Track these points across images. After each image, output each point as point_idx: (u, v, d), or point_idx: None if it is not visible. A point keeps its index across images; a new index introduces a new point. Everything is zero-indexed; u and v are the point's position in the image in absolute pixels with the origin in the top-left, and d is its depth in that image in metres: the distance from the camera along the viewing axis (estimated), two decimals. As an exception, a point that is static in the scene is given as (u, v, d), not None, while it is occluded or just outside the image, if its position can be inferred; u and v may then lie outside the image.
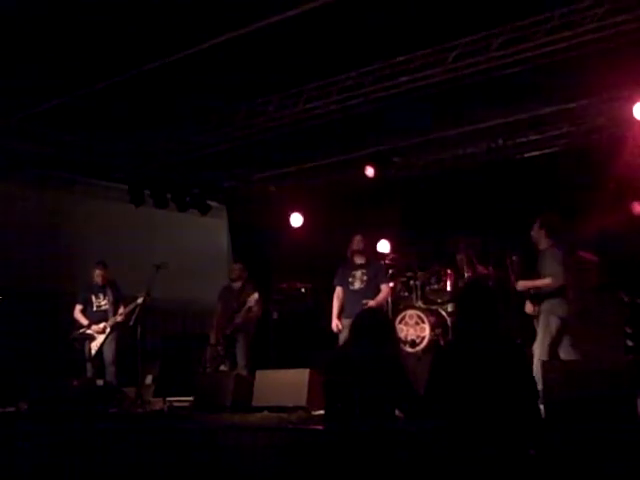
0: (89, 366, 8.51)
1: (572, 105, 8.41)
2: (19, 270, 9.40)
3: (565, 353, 6.34)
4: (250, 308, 8.43)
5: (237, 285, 8.81)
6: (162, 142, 9.51)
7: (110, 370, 8.51)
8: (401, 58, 7.39)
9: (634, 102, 7.87)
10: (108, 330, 8.51)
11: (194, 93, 7.95)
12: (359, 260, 7.79)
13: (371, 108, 8.16)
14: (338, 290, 7.78)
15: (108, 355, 8.54)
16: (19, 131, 8.74)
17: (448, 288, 9.00)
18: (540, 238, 6.81)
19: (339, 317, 7.63)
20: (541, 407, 4.23)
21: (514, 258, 7.39)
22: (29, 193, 9.88)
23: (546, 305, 6.48)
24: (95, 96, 7.75)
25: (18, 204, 9.70)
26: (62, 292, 9.64)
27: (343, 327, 7.50)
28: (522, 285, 6.84)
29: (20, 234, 9.57)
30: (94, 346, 8.49)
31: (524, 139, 9.26)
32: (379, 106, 8.12)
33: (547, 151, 9.30)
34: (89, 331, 8.56)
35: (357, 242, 7.80)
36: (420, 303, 9.06)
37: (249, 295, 8.46)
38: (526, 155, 9.46)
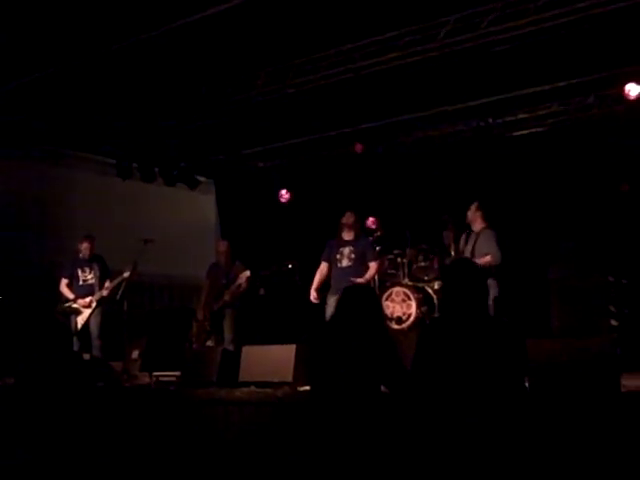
0: (75, 340, 8.50)
1: (562, 84, 8.39)
2: (3, 243, 9.34)
3: None
4: (240, 285, 8.45)
5: (225, 262, 8.81)
6: (150, 115, 9.43)
7: (96, 344, 8.49)
8: (392, 34, 7.34)
9: (624, 81, 7.88)
10: (94, 304, 8.48)
11: (183, 67, 7.88)
12: (347, 237, 7.78)
13: (361, 84, 8.12)
14: (322, 265, 7.79)
15: (94, 329, 8.52)
16: (5, 104, 8.64)
17: (435, 266, 9.02)
18: (476, 220, 7.19)
19: (317, 289, 7.69)
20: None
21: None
22: (15, 166, 9.79)
23: None
24: (83, 69, 7.67)
25: (4, 177, 9.62)
26: (47, 265, 9.59)
27: (330, 303, 7.52)
28: None
29: (6, 207, 9.50)
30: (80, 320, 8.46)
31: (513, 117, 9.26)
32: (369, 82, 8.08)
33: (536, 130, 9.30)
34: (75, 305, 8.53)
35: (347, 217, 7.80)
36: (407, 280, 9.07)
37: (240, 272, 8.47)
38: (515, 134, 9.46)
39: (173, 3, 6.51)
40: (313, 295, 7.71)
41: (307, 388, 5.46)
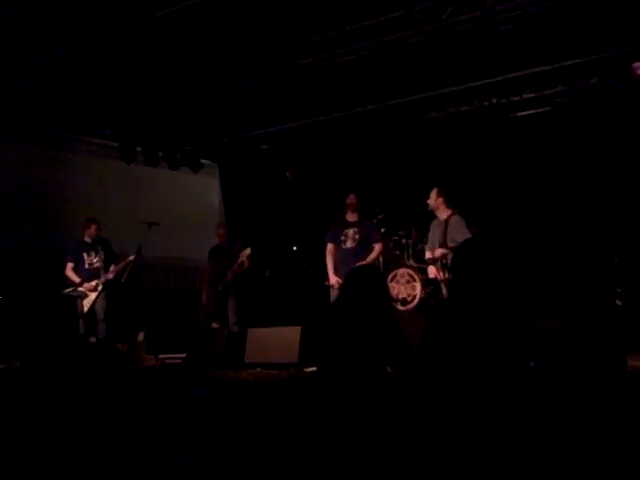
0: (81, 323, 8.53)
1: (567, 63, 8.34)
2: (7, 226, 9.36)
3: None
4: (242, 263, 8.49)
5: (225, 244, 8.86)
6: (154, 99, 9.39)
7: (102, 327, 8.52)
8: (396, 14, 7.29)
9: (629, 60, 7.82)
10: (100, 288, 8.51)
11: (186, 48, 7.83)
12: (351, 218, 7.79)
13: (364, 66, 8.08)
14: (330, 246, 7.79)
15: (100, 312, 8.54)
16: (7, 87, 8.61)
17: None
18: (439, 207, 7.17)
19: (336, 273, 7.63)
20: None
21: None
22: (18, 150, 9.78)
23: None
24: (86, 52, 7.63)
25: (6, 161, 9.61)
26: (51, 249, 9.60)
27: (334, 285, 7.53)
28: (440, 252, 7.09)
29: (8, 191, 9.51)
30: (86, 303, 8.49)
31: (518, 97, 9.20)
32: (372, 64, 8.04)
33: (541, 110, 9.25)
34: (81, 288, 8.55)
35: (350, 198, 7.81)
36: (412, 262, 9.07)
37: (240, 250, 8.51)
38: (520, 114, 9.41)
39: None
40: (334, 279, 7.60)
41: (313, 369, 5.49)
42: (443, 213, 7.29)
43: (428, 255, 7.84)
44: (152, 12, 6.85)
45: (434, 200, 7.31)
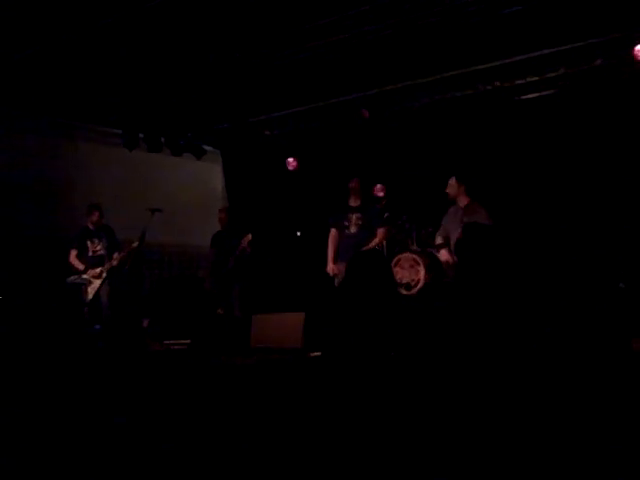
0: (86, 310, 8.56)
1: (569, 46, 8.29)
2: (10, 214, 9.37)
3: None
4: (244, 249, 8.51)
5: (227, 230, 8.88)
6: (156, 85, 9.37)
7: (107, 314, 8.56)
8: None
9: (632, 43, 7.77)
10: (104, 275, 8.53)
11: (189, 34, 7.80)
12: (354, 203, 7.79)
13: (367, 49, 8.04)
14: (333, 232, 7.79)
15: (104, 299, 8.58)
16: (10, 75, 8.59)
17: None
18: (459, 195, 7.13)
19: (334, 260, 7.66)
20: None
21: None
22: (21, 138, 9.77)
23: None
24: (89, 39, 7.60)
25: (9, 149, 9.60)
26: (56, 236, 9.62)
27: (338, 271, 7.53)
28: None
29: (12, 179, 9.50)
30: (91, 291, 8.52)
31: (521, 81, 9.14)
32: (374, 48, 8.00)
33: (545, 93, 9.20)
34: (85, 276, 8.58)
35: (354, 183, 7.82)
36: (415, 246, 9.07)
37: (242, 237, 8.53)
38: (523, 97, 9.37)
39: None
40: (330, 267, 7.65)
41: (317, 354, 5.50)
42: (462, 201, 7.26)
43: (439, 241, 7.87)
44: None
45: (454, 188, 7.30)
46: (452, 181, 7.42)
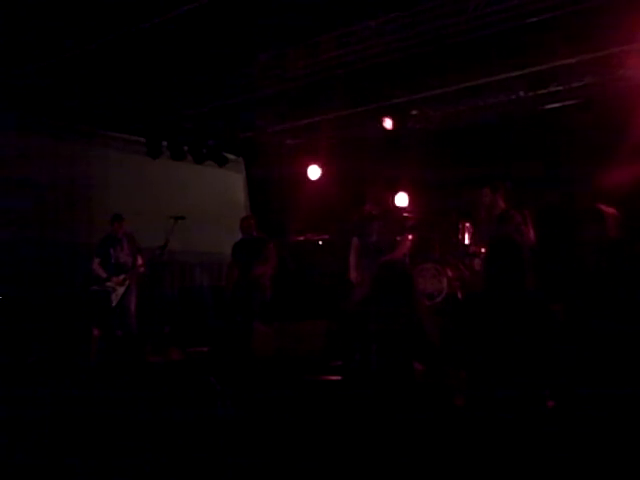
0: (109, 317, 8.60)
1: (593, 56, 8.23)
2: (37, 221, 9.47)
3: None
4: (267, 258, 8.51)
5: (250, 238, 8.86)
6: (180, 94, 9.44)
7: (130, 321, 8.60)
8: (421, 7, 7.25)
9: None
10: (127, 282, 8.58)
11: (211, 45, 7.85)
12: (376, 211, 7.77)
13: (390, 59, 8.04)
14: (355, 241, 7.77)
15: (128, 306, 8.62)
16: (37, 83, 8.70)
17: (466, 241, 8.97)
18: (496, 203, 7.08)
19: (357, 268, 7.63)
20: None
21: None
22: (47, 146, 9.87)
23: None
24: (114, 48, 7.68)
25: (36, 156, 9.70)
26: (79, 243, 9.70)
27: (360, 279, 7.51)
28: None
29: (39, 186, 9.60)
30: (114, 298, 8.57)
31: (545, 91, 9.10)
32: (398, 57, 8.00)
33: (568, 103, 9.15)
34: (109, 283, 8.63)
35: (375, 192, 7.79)
36: (437, 256, 9.04)
37: (265, 245, 8.53)
38: (547, 107, 9.32)
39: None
40: (353, 275, 7.61)
41: (339, 363, 5.49)
42: (497, 209, 7.18)
43: (473, 249, 7.87)
44: (180, 6, 6.87)
45: (490, 197, 7.24)
46: (486, 190, 7.32)
